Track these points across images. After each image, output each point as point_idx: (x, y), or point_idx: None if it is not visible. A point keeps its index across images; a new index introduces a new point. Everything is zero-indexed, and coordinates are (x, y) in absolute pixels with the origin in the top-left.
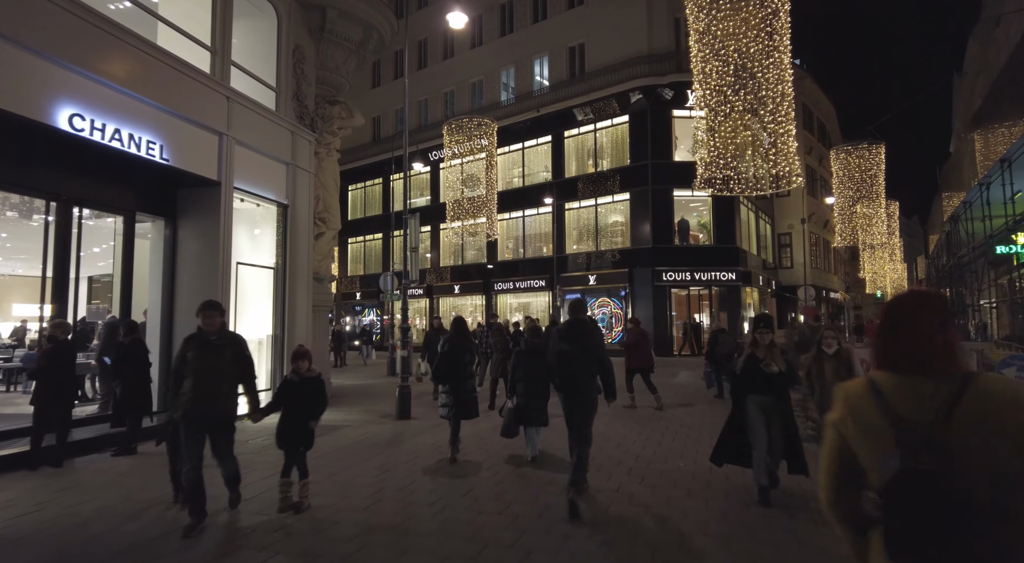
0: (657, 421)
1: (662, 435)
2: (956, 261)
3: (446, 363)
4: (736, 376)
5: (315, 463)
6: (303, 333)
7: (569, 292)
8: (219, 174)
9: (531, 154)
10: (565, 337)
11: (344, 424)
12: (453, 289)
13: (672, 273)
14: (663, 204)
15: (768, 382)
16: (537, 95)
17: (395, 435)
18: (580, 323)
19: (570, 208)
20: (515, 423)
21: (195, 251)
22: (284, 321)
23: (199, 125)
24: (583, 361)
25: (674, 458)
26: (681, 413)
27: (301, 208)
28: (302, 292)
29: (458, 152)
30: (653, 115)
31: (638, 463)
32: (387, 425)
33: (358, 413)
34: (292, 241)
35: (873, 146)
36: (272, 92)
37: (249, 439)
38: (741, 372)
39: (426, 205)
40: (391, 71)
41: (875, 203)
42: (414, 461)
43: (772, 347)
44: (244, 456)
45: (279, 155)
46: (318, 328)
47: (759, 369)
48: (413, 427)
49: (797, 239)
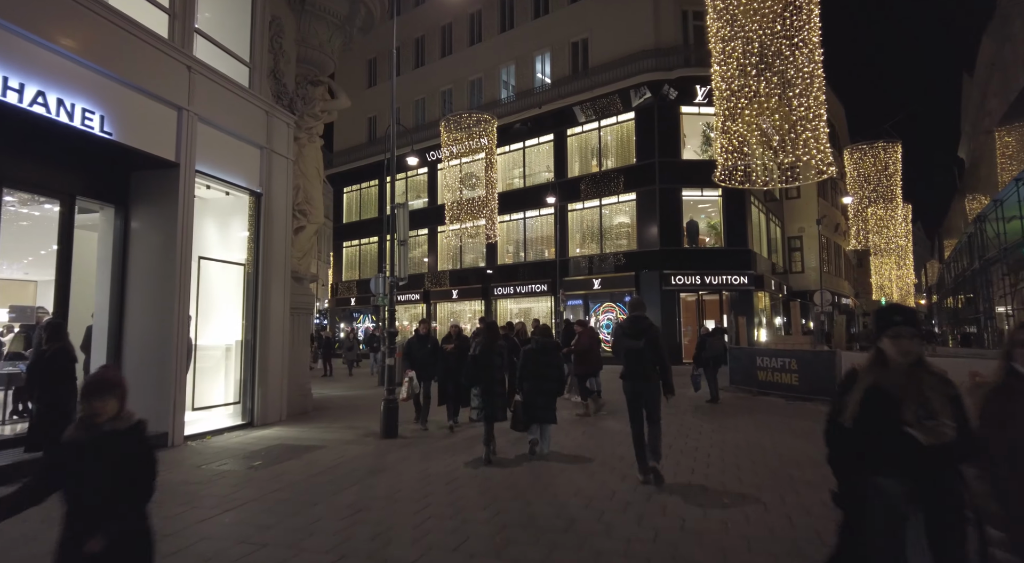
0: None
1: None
2: (983, 263)
3: (476, 367)
4: (844, 433)
5: (272, 498)
6: (279, 338)
7: (572, 297)
8: (178, 154)
9: (532, 153)
10: (629, 333)
11: (319, 444)
12: (451, 294)
13: (681, 277)
14: (671, 204)
15: (915, 452)
16: (539, 92)
17: (377, 459)
18: (643, 320)
19: (573, 209)
20: (525, 417)
21: (151, 244)
22: (257, 325)
23: (153, 96)
24: (648, 355)
25: None
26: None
27: (277, 198)
28: (278, 292)
29: (456, 151)
30: (660, 111)
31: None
32: (369, 446)
33: (338, 430)
34: (267, 235)
35: (889, 144)
36: (245, 67)
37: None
38: (858, 424)
39: (423, 207)
40: (387, 69)
41: (892, 204)
42: (394, 496)
43: (928, 379)
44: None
45: (252, 137)
46: (297, 333)
47: (898, 426)
48: (399, 449)
49: (808, 243)
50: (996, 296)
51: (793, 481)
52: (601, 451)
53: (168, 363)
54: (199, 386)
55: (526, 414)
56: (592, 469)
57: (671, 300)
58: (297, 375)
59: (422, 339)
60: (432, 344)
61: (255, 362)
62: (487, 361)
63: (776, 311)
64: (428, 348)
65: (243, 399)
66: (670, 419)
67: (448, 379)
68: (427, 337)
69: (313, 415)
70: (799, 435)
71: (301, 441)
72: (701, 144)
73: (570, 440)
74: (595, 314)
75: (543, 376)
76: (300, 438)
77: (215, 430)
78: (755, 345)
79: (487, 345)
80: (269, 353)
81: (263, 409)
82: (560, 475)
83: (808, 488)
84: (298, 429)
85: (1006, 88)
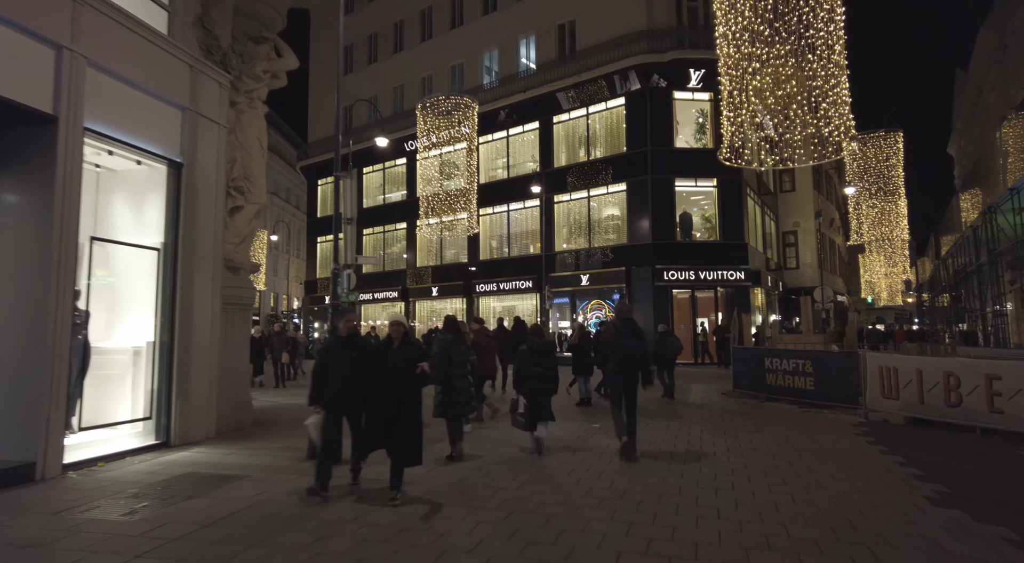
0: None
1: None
2: (992, 258)
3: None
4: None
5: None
6: (206, 339)
7: (558, 294)
8: (57, 106)
9: (516, 142)
10: (624, 333)
11: (241, 472)
12: (431, 291)
13: (674, 272)
14: (663, 196)
15: None
16: (523, 78)
17: (305, 499)
18: (634, 322)
19: (560, 201)
20: (531, 419)
21: (19, 219)
22: (175, 323)
23: (16, 27)
24: (640, 354)
25: None
26: None
27: (205, 170)
28: (204, 283)
29: (435, 140)
30: (652, 97)
31: None
32: (301, 478)
33: (273, 452)
34: (189, 214)
35: (890, 133)
36: (164, 11)
37: None
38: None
39: (402, 199)
40: (365, 56)
41: (893, 197)
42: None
43: None
44: None
45: (170, 96)
46: (233, 332)
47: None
48: (334, 483)
49: (804, 238)
50: (1007, 291)
51: (860, 534)
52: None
53: (42, 372)
54: (96, 398)
55: (532, 414)
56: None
57: (664, 297)
58: (232, 384)
59: (346, 344)
60: (364, 351)
61: (172, 368)
62: (448, 357)
63: (772, 308)
64: (353, 358)
65: (157, 414)
66: (674, 430)
67: (353, 406)
68: (353, 341)
69: (252, 432)
70: (835, 457)
71: (221, 468)
72: (695, 132)
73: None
74: (583, 312)
75: (544, 377)
76: (221, 464)
77: (112, 454)
78: (767, 344)
79: (448, 342)
80: (192, 357)
81: (183, 426)
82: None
83: (885, 546)
84: (225, 451)
85: (1006, 81)
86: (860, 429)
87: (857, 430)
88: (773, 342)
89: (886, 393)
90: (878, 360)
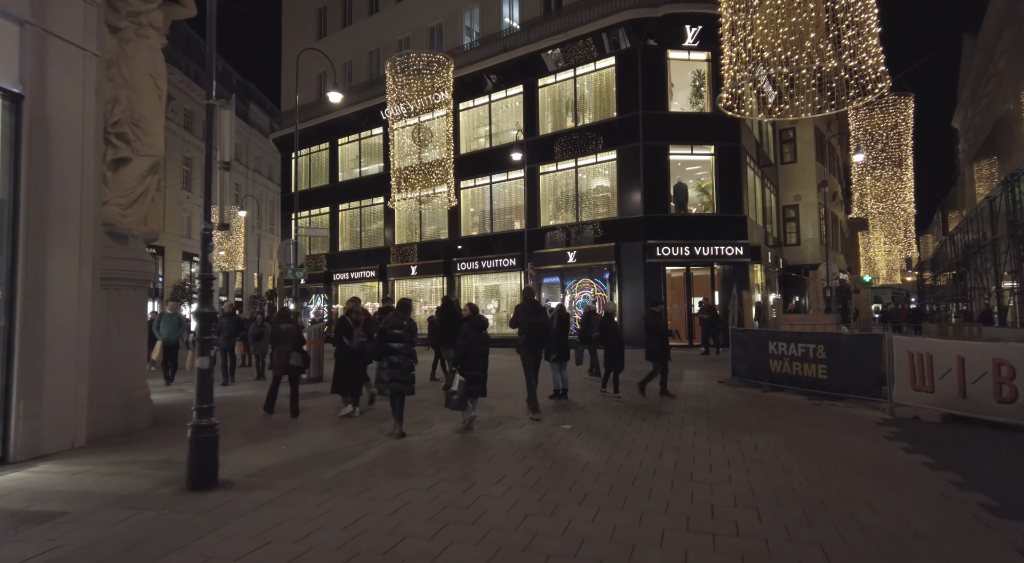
0: None
1: None
2: (1014, 230)
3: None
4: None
5: None
6: (71, 322)
7: (545, 272)
8: None
9: (499, 109)
10: (532, 312)
11: (71, 507)
12: (410, 270)
13: (667, 248)
14: (657, 165)
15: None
16: (505, 37)
17: (144, 553)
18: (537, 303)
19: (545, 172)
20: (465, 398)
21: None
22: (16, 301)
23: None
24: (544, 329)
25: None
26: None
27: (63, 107)
28: (68, 252)
29: (410, 105)
30: (644, 57)
31: None
32: (148, 512)
33: (134, 472)
34: (38, 161)
35: (901, 98)
36: None
37: None
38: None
39: (378, 172)
40: (339, 18)
41: (901, 168)
42: None
43: None
44: None
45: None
46: (120, 315)
47: None
48: (207, 517)
49: (805, 212)
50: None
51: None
52: None
53: None
54: None
55: (469, 392)
56: None
57: (656, 274)
58: (118, 378)
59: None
60: None
61: (12, 361)
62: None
63: (772, 287)
64: None
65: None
66: (661, 431)
67: None
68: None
69: (142, 436)
70: (867, 473)
71: (46, 497)
72: (691, 95)
73: None
74: (570, 292)
75: (479, 353)
76: (51, 490)
77: None
78: (768, 326)
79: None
80: (47, 346)
81: (30, 434)
82: None
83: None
84: (78, 468)
85: (1018, 45)
86: (888, 429)
87: (885, 431)
88: (776, 323)
89: (917, 384)
90: (907, 345)
